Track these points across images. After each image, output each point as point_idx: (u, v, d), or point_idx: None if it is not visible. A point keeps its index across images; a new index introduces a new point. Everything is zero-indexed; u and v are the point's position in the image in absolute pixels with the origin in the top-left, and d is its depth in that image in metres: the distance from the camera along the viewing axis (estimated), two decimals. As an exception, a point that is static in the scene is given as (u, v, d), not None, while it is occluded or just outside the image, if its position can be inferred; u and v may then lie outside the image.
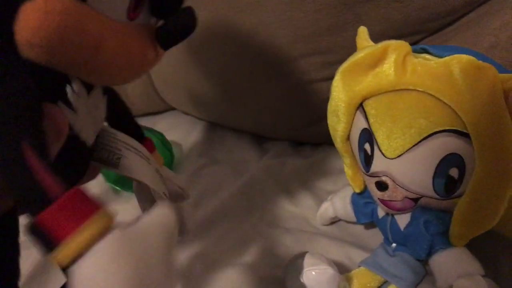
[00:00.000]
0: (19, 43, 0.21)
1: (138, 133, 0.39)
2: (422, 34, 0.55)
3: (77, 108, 0.26)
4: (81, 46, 0.22)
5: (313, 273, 0.39)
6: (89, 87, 0.28)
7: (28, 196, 0.20)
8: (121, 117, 0.37)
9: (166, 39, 0.27)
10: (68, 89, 0.25)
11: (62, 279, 0.20)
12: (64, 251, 0.19)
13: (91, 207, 0.21)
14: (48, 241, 0.20)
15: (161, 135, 0.67)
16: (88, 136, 0.29)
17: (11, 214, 0.26)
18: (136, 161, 0.35)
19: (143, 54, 0.26)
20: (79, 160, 0.29)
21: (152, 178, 0.36)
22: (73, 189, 0.21)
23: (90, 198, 0.21)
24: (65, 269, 0.20)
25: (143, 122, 0.63)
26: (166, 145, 0.67)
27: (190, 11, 0.27)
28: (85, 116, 0.28)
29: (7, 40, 0.20)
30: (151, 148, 0.39)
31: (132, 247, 0.21)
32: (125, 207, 0.58)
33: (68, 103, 0.26)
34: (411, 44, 0.38)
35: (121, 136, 0.35)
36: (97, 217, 0.20)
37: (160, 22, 0.28)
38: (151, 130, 0.66)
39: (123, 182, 0.62)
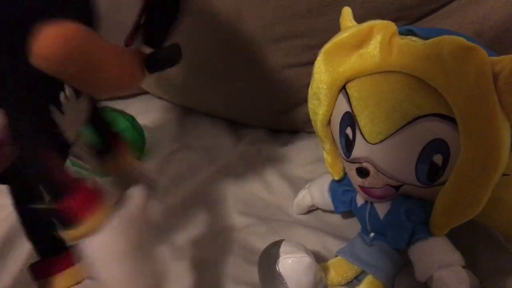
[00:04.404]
0: (34, 54, 0.24)
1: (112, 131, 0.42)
2: (404, 21, 0.54)
3: (65, 111, 0.31)
4: (87, 66, 0.27)
5: (290, 261, 0.37)
6: (78, 94, 0.32)
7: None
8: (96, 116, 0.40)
9: (153, 66, 0.32)
10: (62, 95, 0.31)
11: None
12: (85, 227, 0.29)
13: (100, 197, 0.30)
14: (70, 220, 0.28)
15: (132, 118, 0.64)
16: (71, 135, 0.33)
17: None
18: None
19: (133, 74, 0.31)
20: (60, 152, 0.33)
21: None
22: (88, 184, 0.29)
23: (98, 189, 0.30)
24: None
25: (114, 105, 0.60)
26: (137, 128, 0.63)
27: (177, 47, 0.33)
28: (72, 118, 0.32)
29: (22, 47, 0.24)
30: (122, 145, 0.41)
31: (129, 222, 0.31)
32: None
33: (58, 106, 0.31)
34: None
35: None
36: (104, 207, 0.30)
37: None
38: (120, 112, 0.63)
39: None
